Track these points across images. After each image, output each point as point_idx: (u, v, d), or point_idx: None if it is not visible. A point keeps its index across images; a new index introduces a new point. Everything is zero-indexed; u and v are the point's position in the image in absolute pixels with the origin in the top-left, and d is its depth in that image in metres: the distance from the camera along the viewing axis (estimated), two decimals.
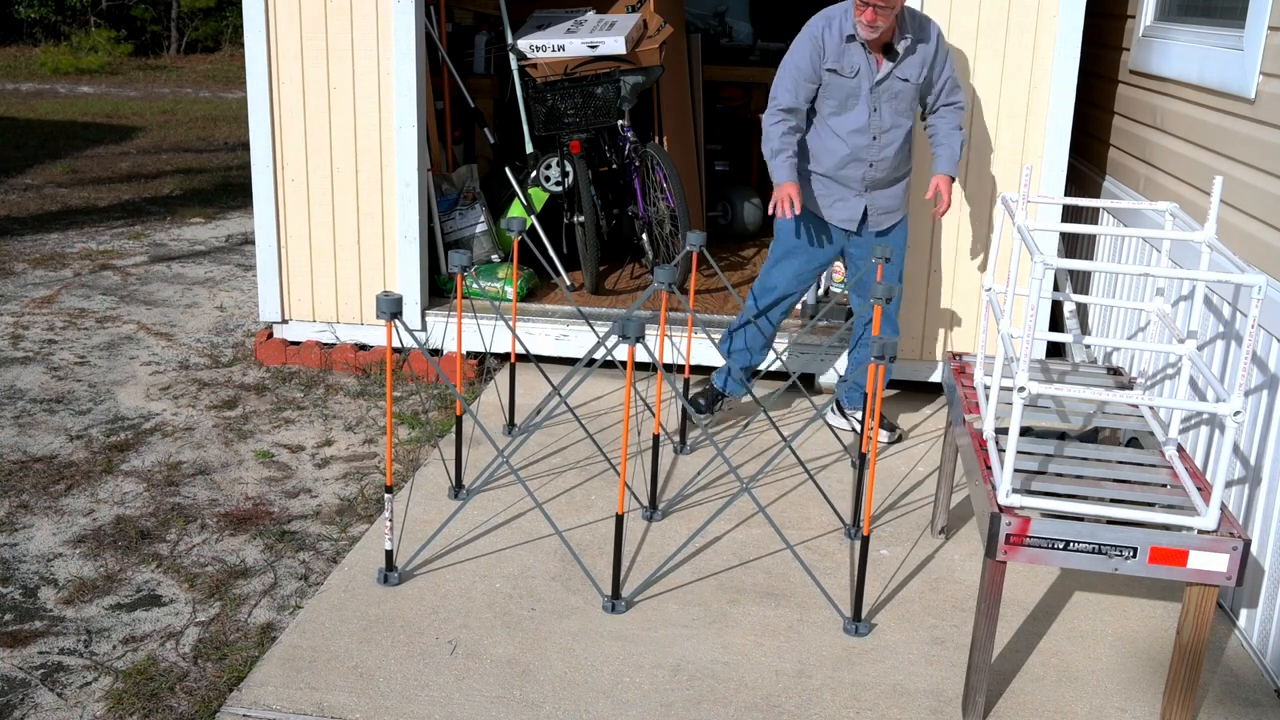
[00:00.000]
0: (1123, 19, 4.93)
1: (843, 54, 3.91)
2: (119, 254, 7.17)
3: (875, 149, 4.02)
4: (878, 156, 4.03)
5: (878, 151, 4.02)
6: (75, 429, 4.42)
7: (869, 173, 4.06)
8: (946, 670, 2.98)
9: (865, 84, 3.93)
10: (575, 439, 4.38)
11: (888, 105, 3.97)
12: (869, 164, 4.04)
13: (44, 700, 2.79)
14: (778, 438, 4.44)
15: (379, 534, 3.59)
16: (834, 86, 3.95)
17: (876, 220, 4.16)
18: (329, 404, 4.74)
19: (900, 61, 3.93)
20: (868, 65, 3.92)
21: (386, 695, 2.78)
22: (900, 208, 4.19)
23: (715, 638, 3.09)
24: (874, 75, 3.93)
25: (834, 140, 4.03)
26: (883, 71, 3.93)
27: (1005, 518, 2.58)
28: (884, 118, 3.98)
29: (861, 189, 4.09)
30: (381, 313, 3.06)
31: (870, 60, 3.92)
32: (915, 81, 3.96)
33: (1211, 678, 2.98)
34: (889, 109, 3.98)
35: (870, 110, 3.97)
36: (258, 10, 4.80)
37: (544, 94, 5.50)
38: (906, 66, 3.94)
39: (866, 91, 3.94)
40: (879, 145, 4.01)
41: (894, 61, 3.92)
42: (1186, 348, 2.97)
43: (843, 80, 3.93)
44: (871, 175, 4.06)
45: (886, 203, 4.14)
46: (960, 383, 3.39)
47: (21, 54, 19.06)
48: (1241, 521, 3.20)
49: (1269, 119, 3.30)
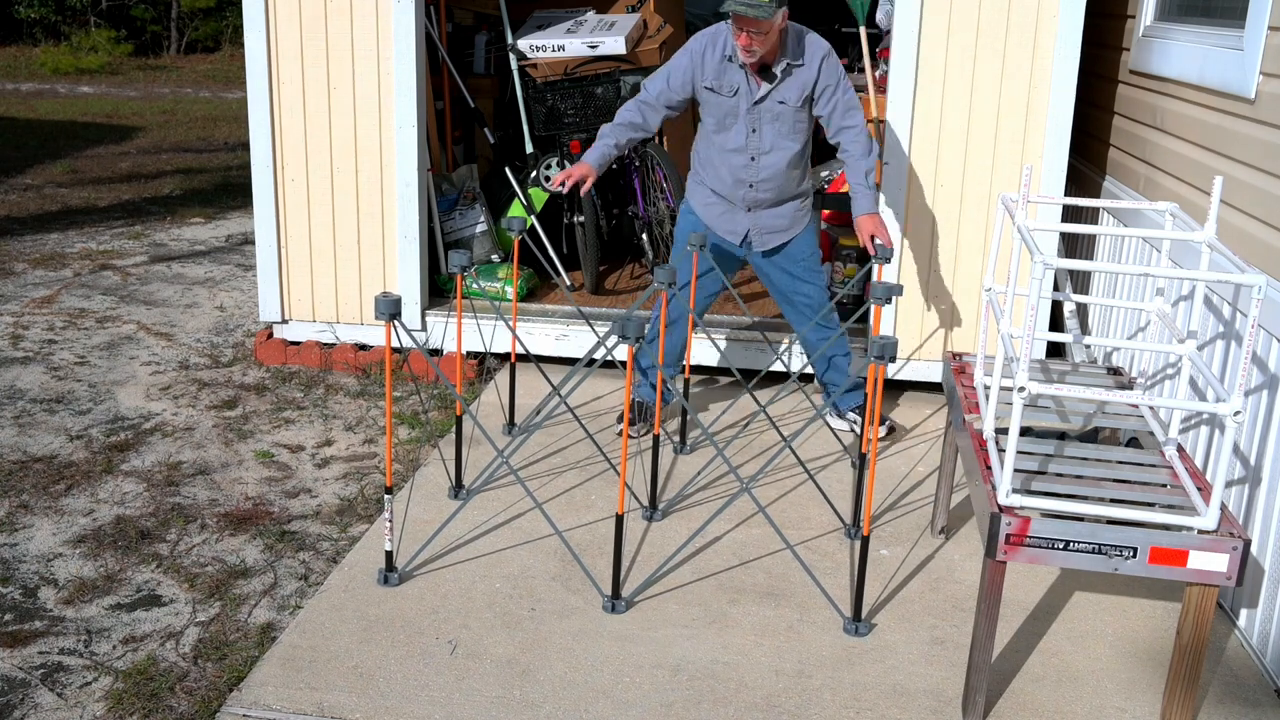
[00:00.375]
0: (1123, 19, 4.93)
1: (722, 73, 3.91)
2: (119, 254, 7.17)
3: (754, 170, 4.00)
4: (757, 178, 4.01)
5: (756, 173, 4.00)
6: (75, 429, 4.42)
7: (749, 193, 4.04)
8: (946, 670, 2.98)
9: (743, 104, 3.92)
10: (575, 439, 4.38)
11: (769, 127, 3.95)
12: (749, 184, 4.02)
13: (44, 700, 2.79)
14: (777, 438, 4.44)
15: (379, 534, 3.59)
16: (712, 105, 3.96)
17: (761, 240, 4.14)
18: (329, 404, 4.74)
19: (778, 84, 3.89)
20: (747, 85, 3.90)
21: (386, 695, 2.78)
22: (791, 227, 4.14)
23: (715, 638, 3.09)
24: (752, 96, 3.91)
25: (718, 157, 4.03)
26: (760, 92, 3.90)
27: (1005, 518, 2.58)
28: (764, 139, 3.96)
29: (744, 208, 4.08)
30: (380, 314, 3.07)
31: (750, 81, 3.90)
32: (794, 105, 3.92)
33: (1211, 678, 2.98)
34: (770, 130, 3.95)
35: (749, 131, 3.95)
36: (258, 10, 4.80)
37: (544, 94, 5.50)
38: (785, 89, 3.90)
39: (744, 111, 3.93)
40: (758, 166, 3.99)
41: (771, 83, 3.89)
42: (1186, 348, 2.97)
43: (721, 99, 3.94)
44: (753, 196, 4.04)
45: (772, 223, 4.11)
46: (960, 383, 3.39)
47: (21, 54, 19.07)
48: (1241, 521, 3.20)
49: (1269, 119, 3.30)
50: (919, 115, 4.59)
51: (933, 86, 4.56)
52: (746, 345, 4.92)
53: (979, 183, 4.64)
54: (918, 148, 4.63)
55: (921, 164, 4.64)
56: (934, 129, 4.60)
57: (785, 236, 4.15)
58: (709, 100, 3.97)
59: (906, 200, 4.68)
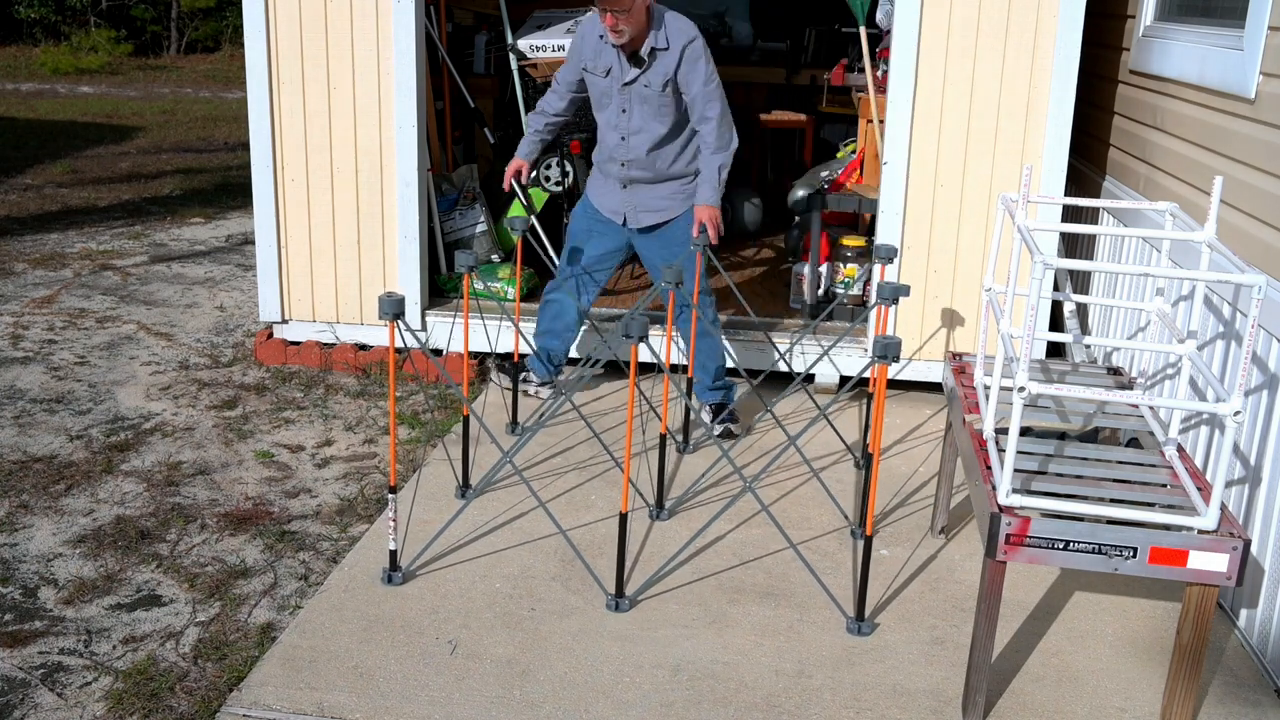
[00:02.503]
0: (1123, 19, 4.93)
1: (599, 54, 4.09)
2: (119, 254, 7.17)
3: (625, 149, 4.15)
4: (628, 156, 4.16)
5: (627, 151, 4.15)
6: (75, 429, 4.42)
7: (623, 171, 4.20)
8: (946, 670, 2.98)
9: (615, 85, 4.08)
10: (577, 439, 4.38)
11: (639, 108, 4.08)
12: (621, 163, 4.19)
13: (44, 700, 2.79)
14: (778, 439, 4.44)
15: (379, 534, 3.59)
16: (591, 85, 4.18)
17: (636, 218, 4.27)
18: (329, 404, 4.74)
19: (646, 68, 4.02)
20: (619, 66, 4.06)
21: (386, 695, 2.78)
22: (669, 208, 4.23)
23: (715, 638, 3.09)
24: (623, 77, 4.06)
25: (600, 134, 4.25)
26: (629, 75, 4.05)
27: (1005, 518, 2.59)
28: (634, 119, 4.10)
29: (620, 185, 4.25)
30: (384, 313, 3.07)
31: (621, 62, 4.05)
32: (658, 88, 4.03)
33: (1211, 678, 2.98)
34: (640, 111, 4.09)
35: (620, 110, 4.11)
36: (258, 10, 4.80)
37: None
38: (651, 73, 4.03)
39: (616, 92, 4.09)
40: (628, 146, 4.14)
41: (638, 67, 4.03)
42: (1186, 348, 2.97)
43: (596, 79, 4.13)
44: (626, 174, 4.20)
45: (649, 201, 4.23)
46: (960, 383, 3.39)
47: (21, 54, 19.07)
48: (1241, 521, 3.20)
49: (1269, 119, 3.31)
50: (919, 115, 4.59)
51: (933, 87, 4.56)
52: (746, 345, 4.92)
53: (979, 183, 4.64)
54: (918, 148, 4.63)
55: (921, 164, 4.64)
56: (934, 129, 4.60)
57: (662, 216, 4.25)
58: (588, 80, 4.18)
59: (906, 200, 4.68)
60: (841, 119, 7.40)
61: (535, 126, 4.35)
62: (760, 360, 4.90)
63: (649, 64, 4.01)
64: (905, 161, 4.64)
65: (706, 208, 4.11)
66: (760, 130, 7.65)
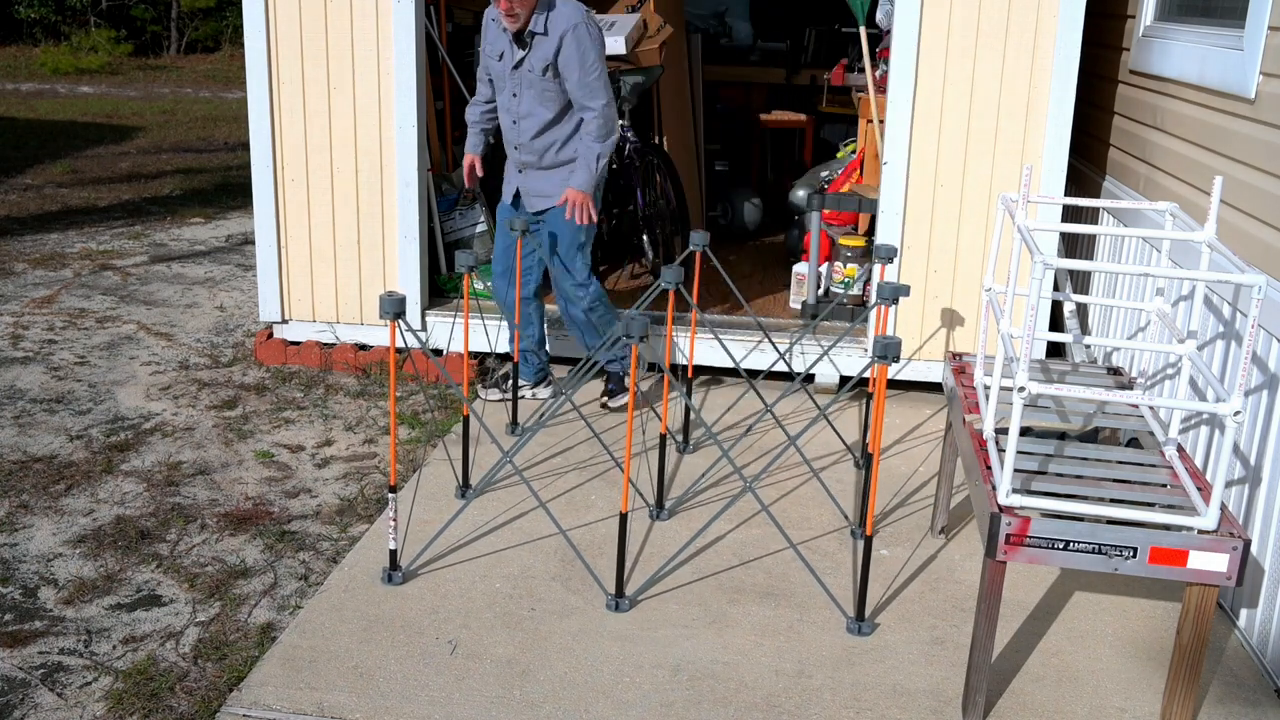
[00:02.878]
0: (1123, 19, 4.93)
1: (496, 38, 4.18)
2: (119, 254, 7.17)
3: (515, 132, 4.25)
4: (519, 139, 4.25)
5: (519, 135, 4.24)
6: (75, 429, 4.42)
7: (516, 155, 4.31)
8: (946, 670, 2.98)
9: (506, 68, 4.17)
10: (577, 440, 4.38)
11: (527, 92, 4.16)
12: (514, 145, 4.29)
13: (44, 700, 2.79)
14: (778, 439, 4.44)
15: (379, 534, 3.59)
16: (489, 66, 4.27)
17: (529, 201, 4.36)
18: (329, 404, 4.74)
19: (529, 52, 4.09)
20: (509, 50, 4.14)
21: (386, 695, 2.78)
22: (557, 195, 4.27)
23: (715, 638, 3.09)
24: (512, 60, 4.14)
25: (500, 119, 4.34)
26: (516, 58, 4.12)
27: (1005, 518, 2.59)
28: (522, 103, 4.18)
29: (516, 168, 4.35)
30: (385, 313, 3.07)
31: (511, 46, 4.13)
32: (538, 72, 4.10)
33: (1211, 678, 2.98)
34: (527, 95, 4.16)
35: (511, 94, 4.20)
36: (258, 10, 4.80)
37: None
38: (534, 56, 4.09)
39: (508, 75, 4.17)
40: (519, 129, 4.23)
41: (523, 50, 4.10)
42: (1186, 348, 2.97)
43: (491, 62, 4.23)
44: (519, 157, 4.30)
45: (539, 186, 4.31)
46: (960, 383, 3.39)
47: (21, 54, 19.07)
48: (1241, 521, 3.20)
49: (1269, 119, 3.31)
50: (919, 115, 4.59)
51: (933, 87, 4.56)
52: (746, 345, 4.92)
53: (979, 183, 4.64)
54: (918, 148, 4.63)
55: (921, 164, 4.64)
56: (934, 129, 4.60)
57: (549, 203, 4.31)
58: (486, 63, 4.28)
59: (906, 200, 4.68)
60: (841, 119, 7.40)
61: (473, 119, 4.41)
62: (760, 360, 4.91)
63: (531, 47, 4.07)
64: (905, 161, 4.64)
65: (575, 190, 4.16)
66: (760, 130, 7.65)
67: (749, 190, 6.93)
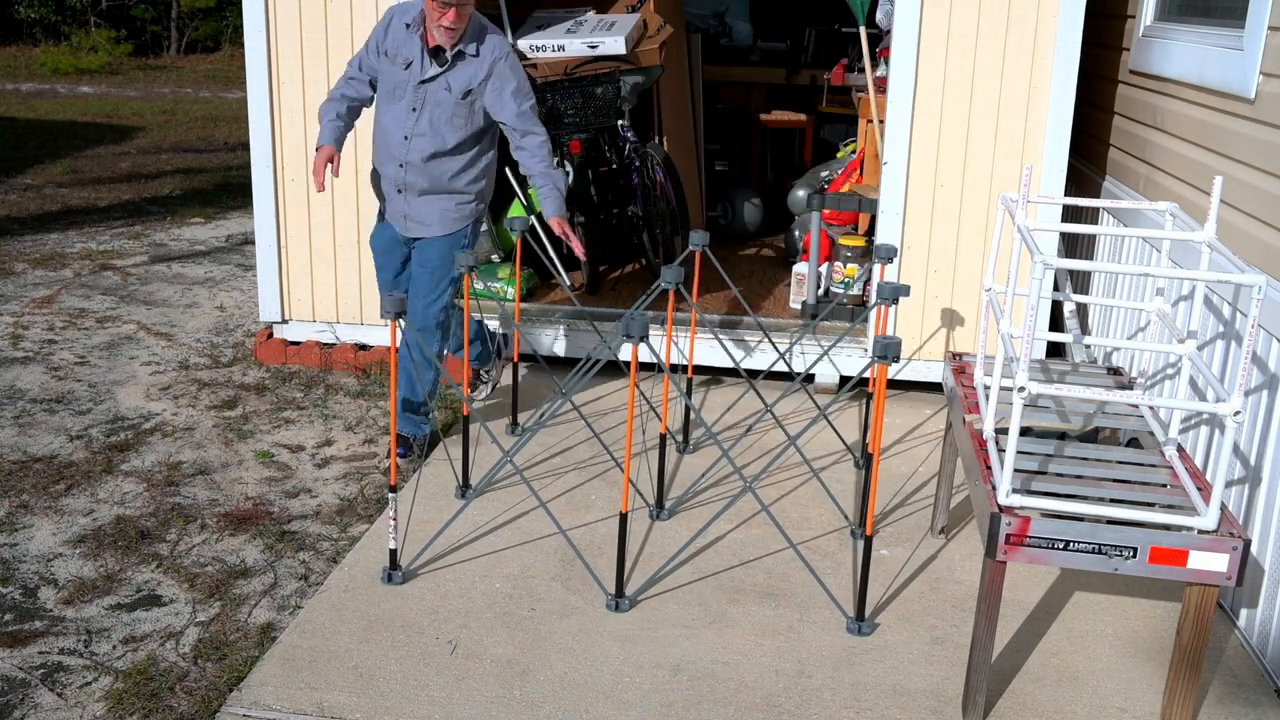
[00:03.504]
0: (1123, 19, 4.93)
1: (403, 43, 3.89)
2: (119, 254, 7.17)
3: (405, 148, 3.95)
4: (406, 157, 3.95)
5: (406, 152, 3.95)
6: (75, 429, 4.42)
7: (399, 173, 3.99)
8: (946, 670, 2.98)
9: (412, 79, 3.89)
10: (577, 440, 4.38)
11: (430, 110, 3.90)
12: (399, 163, 3.98)
13: (44, 700, 2.79)
14: (778, 439, 4.44)
15: (379, 534, 3.59)
16: (386, 73, 3.94)
17: (405, 225, 4.08)
18: (329, 404, 4.74)
19: (448, 69, 3.87)
20: (420, 61, 3.88)
21: (386, 695, 2.78)
22: (437, 224, 4.04)
23: (715, 638, 3.09)
24: (421, 73, 3.88)
25: (381, 129, 4.01)
26: (429, 72, 3.88)
27: (1005, 518, 2.59)
28: (421, 121, 3.91)
29: (395, 187, 4.04)
30: (385, 313, 3.08)
31: (424, 58, 3.88)
32: (457, 95, 3.88)
33: (1211, 678, 2.98)
34: (429, 115, 3.90)
35: (410, 109, 3.92)
36: (258, 10, 4.80)
37: (544, 94, 5.50)
38: (454, 76, 3.88)
39: (411, 87, 3.90)
40: (409, 146, 3.94)
41: (441, 67, 3.87)
42: (1186, 348, 2.97)
43: (393, 69, 3.91)
44: (402, 177, 3.99)
45: (418, 211, 4.03)
46: (960, 383, 3.39)
47: (21, 54, 19.07)
48: (1241, 521, 3.20)
49: (1269, 119, 3.31)
50: (919, 115, 4.59)
51: (933, 87, 4.56)
52: (746, 345, 4.92)
53: (979, 183, 4.64)
54: (918, 148, 4.63)
55: (921, 164, 4.64)
56: (934, 129, 4.60)
57: (429, 232, 4.06)
58: (384, 67, 3.94)
59: (906, 200, 4.68)
60: (841, 119, 7.40)
61: (338, 111, 3.97)
62: (760, 360, 4.91)
63: (452, 65, 3.86)
64: (905, 161, 4.64)
65: (556, 219, 4.01)
66: (760, 130, 7.65)
67: (749, 190, 6.92)
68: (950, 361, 3.59)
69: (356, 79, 4.01)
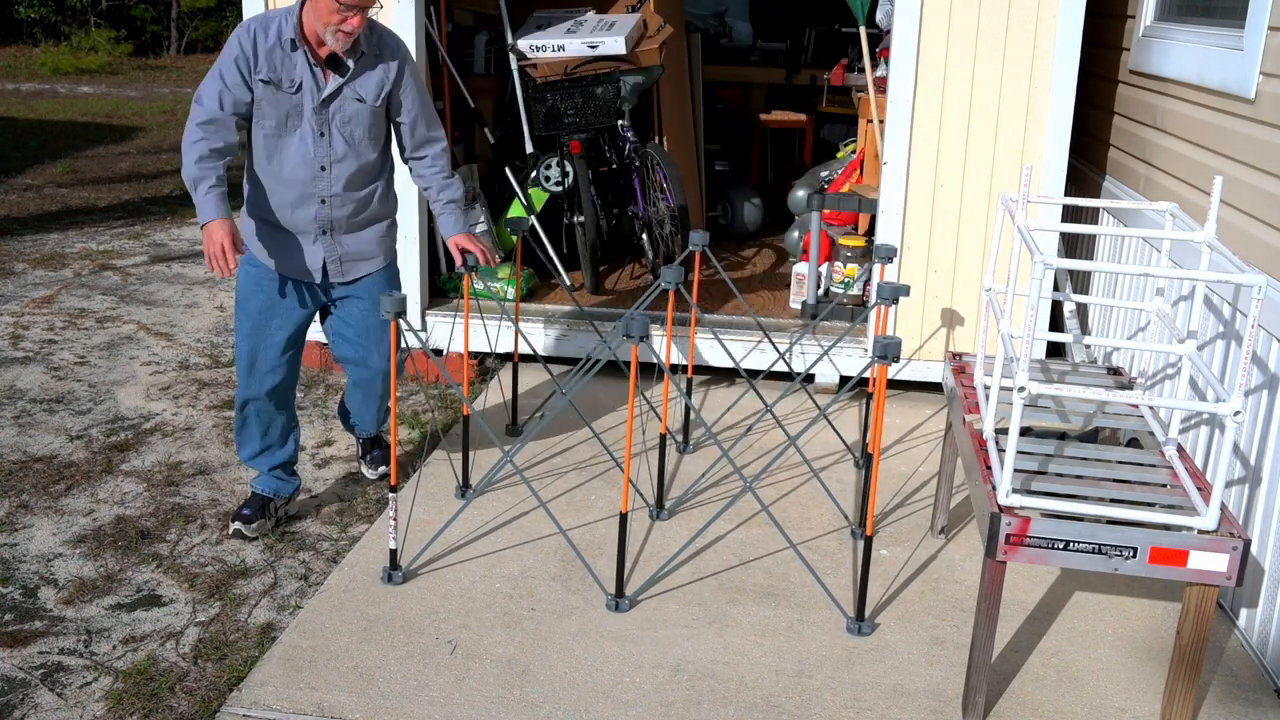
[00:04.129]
0: (1123, 19, 4.93)
1: (281, 63, 3.25)
2: (119, 254, 7.17)
3: (326, 181, 3.36)
4: (330, 191, 3.37)
5: (329, 185, 3.37)
6: (75, 429, 4.42)
7: (322, 211, 3.39)
8: (946, 670, 2.98)
9: (310, 101, 3.29)
10: (576, 440, 4.38)
11: (341, 129, 3.34)
12: (320, 200, 3.38)
13: (44, 700, 2.79)
14: (778, 439, 4.44)
15: (379, 534, 3.59)
16: (269, 102, 3.28)
17: (342, 269, 3.49)
18: (329, 404, 4.74)
19: (354, 78, 3.32)
20: (313, 79, 3.28)
21: (386, 695, 2.78)
22: (380, 254, 3.56)
23: (715, 638, 3.09)
24: (320, 92, 3.29)
25: (278, 169, 3.35)
26: (331, 87, 3.30)
27: (1005, 518, 2.59)
28: (337, 144, 3.34)
29: (316, 232, 3.41)
30: (385, 313, 3.08)
31: (318, 73, 3.29)
32: (372, 103, 3.35)
33: (1211, 678, 2.99)
34: (344, 134, 3.34)
35: (317, 134, 3.32)
36: (257, 10, 4.80)
37: (544, 94, 5.50)
38: (363, 84, 3.34)
39: (311, 111, 3.30)
40: (331, 178, 3.36)
41: (343, 76, 3.31)
42: (1186, 348, 2.97)
43: (281, 95, 3.27)
44: (327, 215, 3.40)
45: (355, 248, 3.49)
46: (960, 383, 3.39)
47: (21, 54, 19.07)
48: (1241, 521, 3.20)
49: (1269, 119, 3.31)
50: (919, 115, 4.59)
51: (933, 86, 4.57)
52: (746, 345, 4.92)
53: (979, 183, 4.64)
54: (918, 148, 4.63)
55: (921, 164, 4.64)
56: (934, 129, 4.60)
57: (373, 265, 3.55)
58: (266, 97, 3.26)
59: (906, 200, 4.68)
60: (841, 119, 7.40)
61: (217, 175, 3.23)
62: (760, 360, 4.91)
63: (357, 72, 3.32)
64: (905, 161, 4.64)
65: (461, 235, 3.57)
66: (760, 130, 7.65)
67: (749, 190, 6.93)
68: (950, 361, 3.59)
69: (221, 123, 3.23)
